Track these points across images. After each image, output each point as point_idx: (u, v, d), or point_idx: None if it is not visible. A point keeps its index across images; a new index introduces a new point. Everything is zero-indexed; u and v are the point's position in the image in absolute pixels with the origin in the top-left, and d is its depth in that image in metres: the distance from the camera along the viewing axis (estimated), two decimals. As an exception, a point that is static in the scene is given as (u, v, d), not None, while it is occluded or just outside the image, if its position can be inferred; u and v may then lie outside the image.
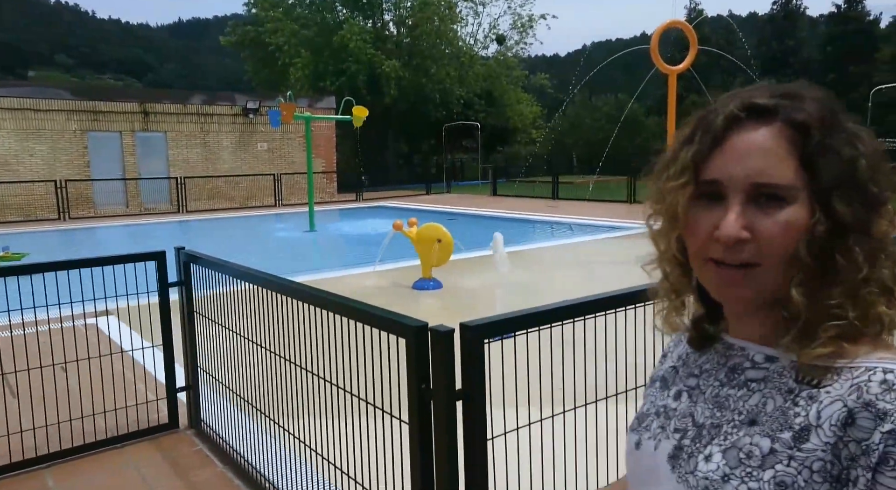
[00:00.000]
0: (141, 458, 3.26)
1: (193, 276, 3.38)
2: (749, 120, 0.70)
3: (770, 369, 0.73)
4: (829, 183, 0.67)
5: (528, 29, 32.61)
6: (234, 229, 14.37)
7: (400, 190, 24.85)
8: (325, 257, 10.70)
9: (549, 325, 1.83)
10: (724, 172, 0.69)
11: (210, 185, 20.49)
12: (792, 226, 0.67)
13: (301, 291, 2.30)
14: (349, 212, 18.49)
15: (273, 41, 28.51)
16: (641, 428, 0.85)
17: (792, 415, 0.68)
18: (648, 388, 0.92)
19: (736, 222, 0.68)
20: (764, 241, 0.67)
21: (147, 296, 3.39)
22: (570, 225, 13.18)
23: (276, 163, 21.89)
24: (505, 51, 32.92)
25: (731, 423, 0.73)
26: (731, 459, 0.70)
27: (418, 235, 7.08)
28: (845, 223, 0.66)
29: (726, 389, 0.76)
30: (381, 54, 27.65)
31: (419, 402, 1.77)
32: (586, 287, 7.09)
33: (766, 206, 0.68)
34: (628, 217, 13.64)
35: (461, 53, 30.82)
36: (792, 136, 0.68)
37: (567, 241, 11.11)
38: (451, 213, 15.67)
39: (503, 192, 22.50)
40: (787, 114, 0.69)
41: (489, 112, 31.32)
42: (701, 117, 0.74)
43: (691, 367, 0.84)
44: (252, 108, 21.03)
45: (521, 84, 33.79)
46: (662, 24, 7.91)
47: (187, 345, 3.50)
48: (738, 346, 0.77)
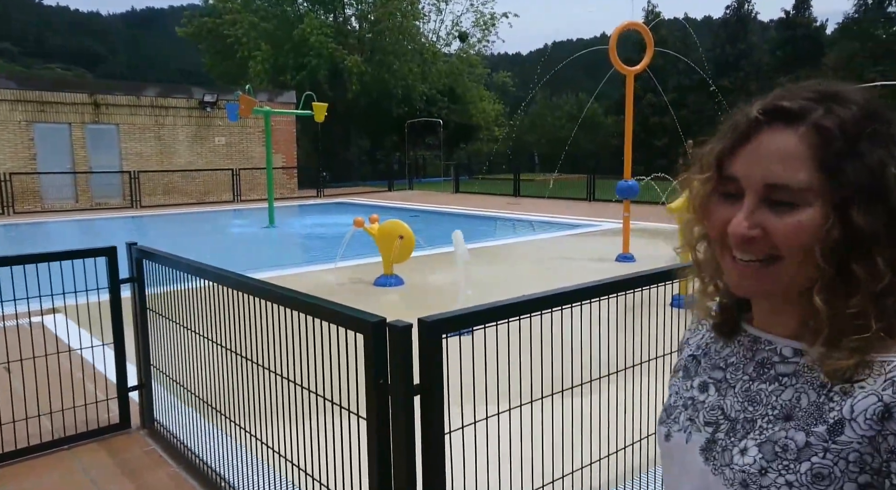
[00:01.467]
0: (90, 459, 3.16)
1: (146, 272, 3.30)
2: (776, 122, 0.70)
3: (800, 363, 0.74)
4: (848, 190, 0.66)
5: (491, 27, 32.77)
6: (190, 225, 14.02)
7: (362, 186, 24.69)
8: (285, 253, 10.55)
9: (506, 319, 1.85)
10: (742, 171, 0.72)
11: (165, 180, 19.95)
12: (804, 229, 0.67)
13: (257, 288, 2.27)
14: (310, 208, 18.27)
15: (232, 33, 27.90)
16: (670, 420, 0.86)
17: (826, 409, 0.69)
18: (672, 378, 0.93)
19: (745, 220, 0.70)
20: (775, 240, 0.69)
21: (97, 293, 3.29)
22: (531, 222, 13.32)
23: (235, 158, 21.46)
24: (467, 48, 33.00)
25: (765, 418, 0.74)
26: (768, 453, 0.72)
27: (380, 232, 7.05)
28: (863, 232, 0.66)
29: (757, 384, 0.78)
30: (342, 49, 27.37)
31: (377, 398, 1.76)
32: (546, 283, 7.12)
33: (778, 208, 0.69)
34: (587, 215, 13.86)
35: (424, 50, 30.76)
36: (816, 142, 0.68)
37: (528, 238, 11.23)
38: (413, 211, 15.65)
39: (465, 189, 22.58)
40: (813, 119, 0.68)
41: (452, 109, 31.37)
42: (736, 114, 0.76)
43: (715, 359, 0.85)
44: (209, 102, 20.55)
45: (484, 82, 33.95)
46: (620, 26, 8.05)
47: (139, 342, 3.41)
48: (766, 340, 0.78)
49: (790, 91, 0.72)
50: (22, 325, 3.24)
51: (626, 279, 2.13)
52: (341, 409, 1.95)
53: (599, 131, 33.29)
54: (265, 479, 2.53)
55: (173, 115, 20.37)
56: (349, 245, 7.88)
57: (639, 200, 8.95)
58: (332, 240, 11.41)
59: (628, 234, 8.40)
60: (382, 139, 30.93)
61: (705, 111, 27.80)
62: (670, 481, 0.87)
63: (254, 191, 20.88)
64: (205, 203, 19.76)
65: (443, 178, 26.32)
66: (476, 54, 33.31)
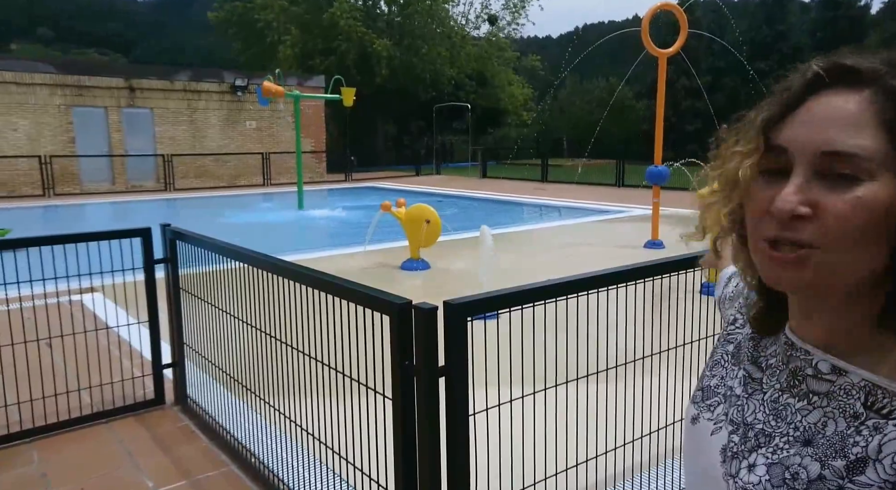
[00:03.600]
0: (126, 433, 3.27)
1: (179, 252, 3.38)
2: (834, 84, 0.61)
3: (836, 383, 0.64)
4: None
5: (521, 10, 32.33)
6: (221, 207, 14.26)
7: (389, 171, 24.75)
8: (314, 237, 10.67)
9: (531, 304, 1.85)
10: (792, 139, 0.61)
11: (197, 163, 20.28)
12: (866, 205, 0.57)
13: (287, 269, 2.31)
14: (338, 192, 18.41)
15: (262, 18, 28.05)
16: (704, 404, 0.78)
17: (850, 443, 0.60)
18: (718, 350, 0.83)
19: (794, 195, 0.58)
20: (829, 221, 0.58)
21: (133, 273, 3.38)
22: (559, 208, 13.22)
23: (265, 142, 21.69)
24: (497, 31, 32.63)
25: (784, 438, 0.66)
26: (775, 477, 0.64)
27: (407, 216, 7.08)
28: None
29: (786, 397, 0.68)
30: (371, 33, 27.32)
31: (402, 379, 1.79)
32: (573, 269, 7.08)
33: (837, 183, 0.58)
34: (616, 200, 13.70)
35: (452, 33, 30.52)
36: (883, 106, 0.58)
37: (555, 224, 11.16)
38: (439, 195, 15.65)
39: (493, 174, 22.47)
40: (881, 80, 0.59)
41: (480, 93, 31.13)
42: (785, 82, 0.65)
43: (760, 353, 0.75)
44: (241, 86, 20.76)
45: (513, 65, 33.56)
46: (653, 7, 7.88)
47: (173, 322, 3.51)
48: (801, 348, 0.68)
49: (842, 55, 0.63)
50: (62, 303, 3.36)
51: (654, 264, 2.12)
52: (367, 389, 1.99)
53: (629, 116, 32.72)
54: (292, 454, 2.60)
55: (205, 100, 20.64)
56: (377, 229, 7.94)
57: (669, 186, 8.79)
58: (360, 224, 11.49)
59: (657, 220, 8.28)
60: (410, 124, 30.90)
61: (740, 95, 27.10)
62: (686, 461, 0.82)
63: (283, 175, 21.10)
64: (235, 186, 20.06)
65: (470, 162, 26.22)
66: (505, 38, 32.93)
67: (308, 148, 21.50)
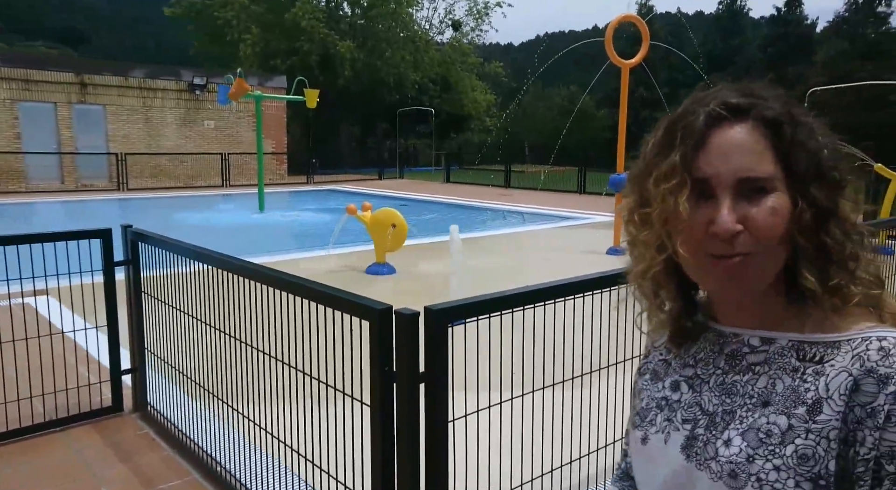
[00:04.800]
0: (83, 441, 3.14)
1: (141, 254, 3.27)
2: (726, 118, 0.73)
3: (770, 351, 0.77)
4: (805, 173, 0.72)
5: (484, 16, 32.60)
6: (178, 208, 13.88)
7: (352, 174, 24.57)
8: (276, 240, 10.49)
9: (510, 309, 1.86)
10: (711, 171, 0.73)
11: (153, 163, 19.73)
12: (778, 211, 0.71)
13: (259, 273, 2.26)
14: (299, 194, 18.17)
15: (222, 16, 27.51)
16: (645, 423, 0.86)
17: (802, 391, 0.72)
18: (638, 381, 0.93)
19: (730, 216, 0.71)
20: (756, 230, 0.71)
21: (84, 275, 3.18)
22: (523, 213, 13.35)
23: (224, 142, 21.25)
24: (460, 37, 32.81)
25: (744, 407, 0.75)
26: (752, 441, 0.73)
27: (372, 220, 7.03)
28: (824, 208, 0.72)
29: (731, 376, 0.79)
30: (334, 35, 27.10)
31: (382, 385, 1.77)
32: (538, 273, 7.23)
33: (752, 198, 0.72)
34: (578, 207, 13.91)
35: (416, 38, 30.54)
36: (765, 133, 0.73)
37: (519, 229, 11.26)
38: (403, 199, 15.60)
39: (456, 179, 22.54)
40: (758, 112, 0.73)
41: (443, 98, 31.23)
42: (674, 121, 0.76)
43: (685, 358, 0.86)
44: (199, 85, 20.30)
45: (476, 71, 33.79)
46: (617, 18, 8.05)
47: (133, 326, 3.39)
48: (732, 333, 0.80)
49: (723, 92, 0.75)
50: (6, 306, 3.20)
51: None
52: (343, 396, 1.96)
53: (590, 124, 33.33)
54: (260, 462, 2.53)
55: (162, 98, 20.12)
56: (340, 233, 7.86)
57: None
58: (323, 227, 11.36)
59: (620, 227, 8.43)
60: (373, 127, 30.75)
61: (696, 107, 27.90)
62: (645, 485, 0.86)
63: (243, 176, 20.71)
64: (193, 187, 19.57)
65: (433, 167, 26.25)
66: (468, 43, 33.14)
67: (269, 149, 21.16)
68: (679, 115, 0.77)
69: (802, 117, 0.75)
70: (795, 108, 0.75)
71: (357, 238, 8.35)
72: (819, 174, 0.73)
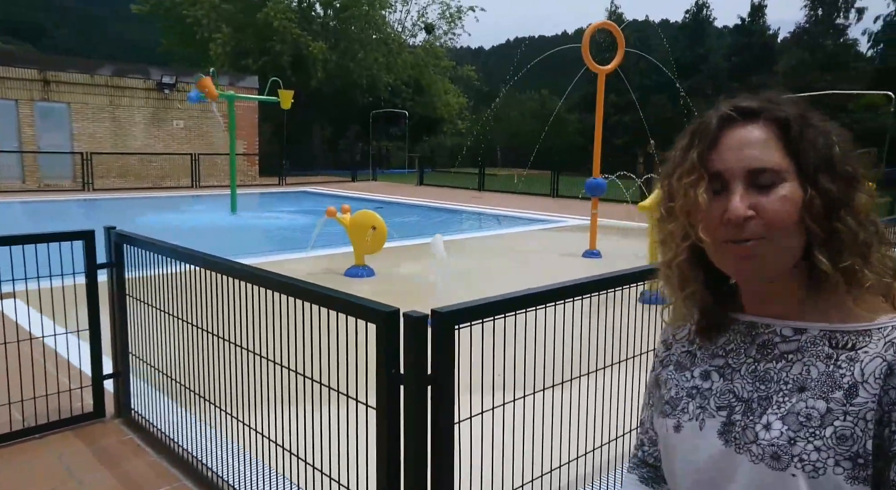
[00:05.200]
0: (64, 448, 3.06)
1: (126, 256, 3.20)
2: (737, 120, 0.82)
3: (802, 340, 0.82)
4: (813, 165, 0.78)
5: (457, 20, 32.72)
6: (147, 210, 13.58)
7: (324, 175, 24.37)
8: (250, 242, 10.35)
9: (515, 312, 1.88)
10: (723, 165, 0.81)
11: (120, 163, 19.28)
12: (788, 199, 0.78)
13: (260, 276, 2.24)
14: (272, 196, 17.96)
15: (191, 14, 27.05)
16: (677, 412, 0.90)
17: (838, 376, 0.77)
18: (662, 373, 0.97)
19: (741, 203, 0.78)
20: (767, 215, 0.78)
21: (56, 279, 3.09)
22: (497, 216, 13.43)
23: (194, 142, 20.88)
24: (433, 40, 32.86)
25: (780, 393, 0.81)
26: (792, 424, 0.78)
27: (352, 222, 7.00)
28: (834, 197, 0.78)
29: (763, 364, 0.84)
30: (307, 35, 26.88)
31: (389, 388, 1.78)
32: (518, 276, 7.28)
33: (762, 188, 0.79)
34: (552, 210, 14.06)
35: (389, 40, 30.48)
36: (775, 130, 0.80)
37: (495, 232, 11.33)
38: (378, 202, 15.54)
39: (430, 181, 22.56)
40: (769, 112, 0.81)
41: (416, 101, 31.22)
42: (695, 126, 0.85)
43: (712, 349, 0.91)
44: (168, 83, 19.92)
45: (449, 75, 33.88)
46: (594, 25, 8.18)
47: (116, 330, 3.32)
48: (763, 324, 0.86)
49: (738, 98, 0.84)
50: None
51: (635, 272, 2.20)
52: (345, 398, 1.95)
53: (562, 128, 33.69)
54: (253, 467, 2.51)
55: (129, 96, 19.68)
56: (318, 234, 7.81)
57: (604, 198, 9.11)
58: (298, 229, 11.25)
59: (595, 230, 8.57)
60: (346, 128, 30.56)
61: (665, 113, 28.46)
62: (679, 471, 0.89)
63: (213, 177, 20.38)
64: (162, 188, 19.18)
65: (407, 169, 26.21)
66: (441, 47, 33.21)
67: (240, 150, 20.86)
68: (699, 121, 0.85)
69: (815, 119, 0.81)
70: (810, 112, 0.82)
71: (336, 240, 8.30)
72: (829, 167, 0.79)
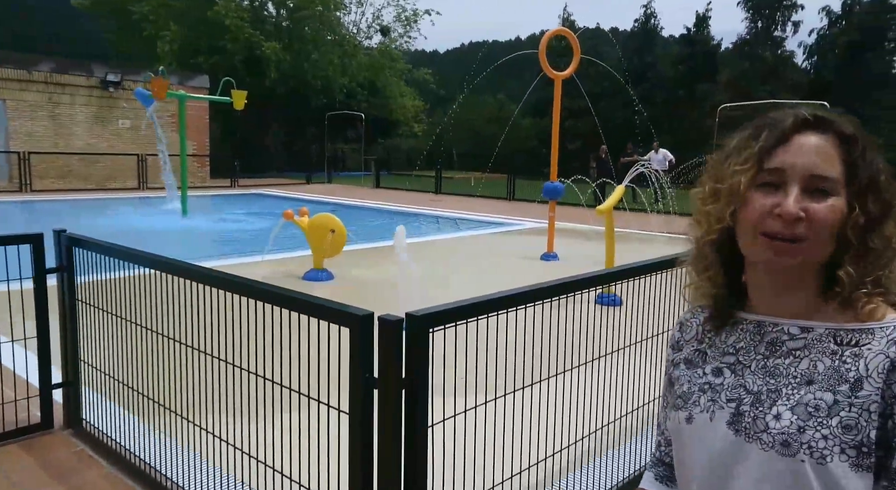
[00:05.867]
0: (10, 462, 2.92)
1: (77, 261, 3.07)
2: (810, 127, 0.89)
3: (808, 338, 0.89)
4: (864, 185, 0.86)
5: (413, 23, 32.70)
6: (91, 212, 13.04)
7: (278, 178, 23.94)
8: (203, 245, 10.07)
9: (491, 313, 1.90)
10: (787, 162, 0.87)
11: (61, 163, 18.47)
12: (835, 211, 0.85)
13: (230, 281, 2.19)
14: (224, 198, 17.54)
15: (138, 10, 26.19)
16: (689, 404, 0.96)
17: (844, 370, 0.84)
18: (674, 372, 1.04)
19: (796, 202, 0.85)
20: (814, 221, 0.85)
21: (3, 284, 2.93)
22: (456, 219, 13.48)
23: (141, 142, 20.18)
24: (389, 43, 32.76)
25: (789, 386, 0.87)
26: (801, 414, 0.84)
27: (310, 225, 6.91)
28: (874, 217, 0.86)
29: (773, 360, 0.91)
30: (260, 35, 26.38)
31: (363, 392, 1.76)
32: (478, 280, 7.33)
33: (815, 195, 0.86)
34: (509, 213, 14.21)
35: (344, 41, 30.22)
36: (840, 145, 0.87)
37: (454, 235, 11.37)
38: (334, 205, 15.37)
39: (386, 184, 22.45)
40: (839, 127, 0.88)
41: (372, 103, 31.01)
42: (763, 122, 0.92)
43: (722, 347, 0.97)
44: (113, 81, 19.21)
45: (405, 77, 33.82)
46: (551, 32, 8.32)
47: (67, 337, 3.18)
48: (771, 323, 0.93)
49: (814, 109, 0.91)
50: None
51: (612, 272, 2.24)
52: (317, 403, 1.93)
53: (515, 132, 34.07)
54: (218, 476, 2.45)
55: (71, 94, 18.88)
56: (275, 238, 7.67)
57: (560, 201, 9.26)
58: (253, 232, 11.02)
59: (553, 233, 8.70)
60: (301, 130, 30.10)
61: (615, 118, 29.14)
62: (690, 461, 0.95)
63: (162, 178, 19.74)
64: (107, 189, 18.48)
65: (363, 172, 26.01)
66: (397, 49, 33.13)
67: (190, 151, 20.25)
68: (768, 119, 0.92)
69: (870, 144, 0.89)
70: (867, 136, 0.89)
71: (293, 243, 8.17)
72: (875, 190, 0.87)
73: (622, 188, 6.76)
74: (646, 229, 10.34)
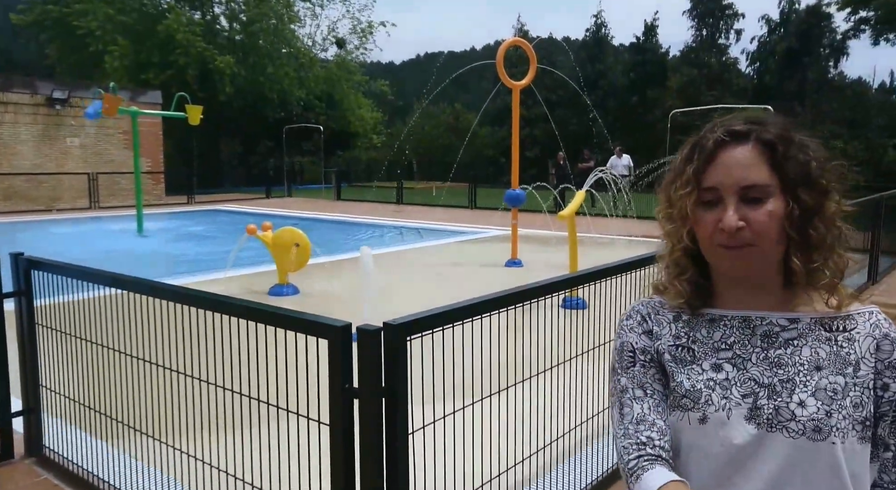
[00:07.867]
0: (-30, 497, 2.80)
1: (36, 283, 2.99)
2: (731, 141, 0.95)
3: (798, 328, 0.96)
4: (794, 180, 0.93)
5: (368, 34, 32.73)
6: (40, 234, 12.59)
7: (236, 193, 23.55)
8: (161, 263, 9.84)
9: (467, 319, 1.93)
10: (718, 180, 0.95)
11: (5, 184, 17.76)
12: (774, 214, 0.92)
13: (202, 298, 2.17)
14: (181, 215, 17.14)
15: (82, 26, 25.47)
16: (701, 404, 0.96)
17: (844, 354, 0.94)
18: (672, 365, 1.00)
19: (734, 215, 0.93)
20: (755, 227, 0.92)
21: None
22: (419, 229, 13.50)
23: (91, 161, 19.58)
24: (345, 55, 32.68)
25: (800, 374, 0.94)
26: (824, 399, 0.91)
27: (274, 239, 6.83)
28: (810, 207, 0.93)
29: (773, 351, 0.96)
30: (213, 49, 25.98)
31: (343, 402, 1.77)
32: (443, 288, 7.35)
33: (752, 203, 0.93)
34: (471, 222, 14.30)
35: (300, 54, 30.02)
36: (763, 150, 0.94)
37: (418, 245, 11.39)
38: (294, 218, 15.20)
39: (347, 196, 22.33)
40: (757, 135, 0.95)
41: (329, 115, 30.85)
42: (695, 142, 1.00)
43: (711, 343, 1.00)
44: (60, 99, 18.61)
45: (362, 89, 33.77)
46: (507, 42, 8.47)
47: (27, 363, 3.07)
48: (758, 317, 0.99)
49: (730, 121, 0.97)
50: None
51: (582, 275, 2.30)
52: (295, 416, 1.93)
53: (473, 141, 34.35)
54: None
55: (14, 112, 18.20)
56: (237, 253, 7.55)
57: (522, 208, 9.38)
58: (213, 248, 10.81)
59: (516, 240, 8.80)
60: (257, 144, 29.69)
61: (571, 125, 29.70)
62: (702, 456, 0.95)
63: (115, 197, 19.20)
64: (55, 210, 17.84)
65: (323, 184, 25.80)
66: (354, 61, 33.07)
67: (144, 168, 19.76)
68: (699, 137, 0.99)
69: (796, 137, 0.95)
70: (792, 130, 0.95)
71: (256, 259, 8.05)
72: (807, 181, 0.93)
73: (582, 193, 6.91)
74: (605, 233, 10.56)
